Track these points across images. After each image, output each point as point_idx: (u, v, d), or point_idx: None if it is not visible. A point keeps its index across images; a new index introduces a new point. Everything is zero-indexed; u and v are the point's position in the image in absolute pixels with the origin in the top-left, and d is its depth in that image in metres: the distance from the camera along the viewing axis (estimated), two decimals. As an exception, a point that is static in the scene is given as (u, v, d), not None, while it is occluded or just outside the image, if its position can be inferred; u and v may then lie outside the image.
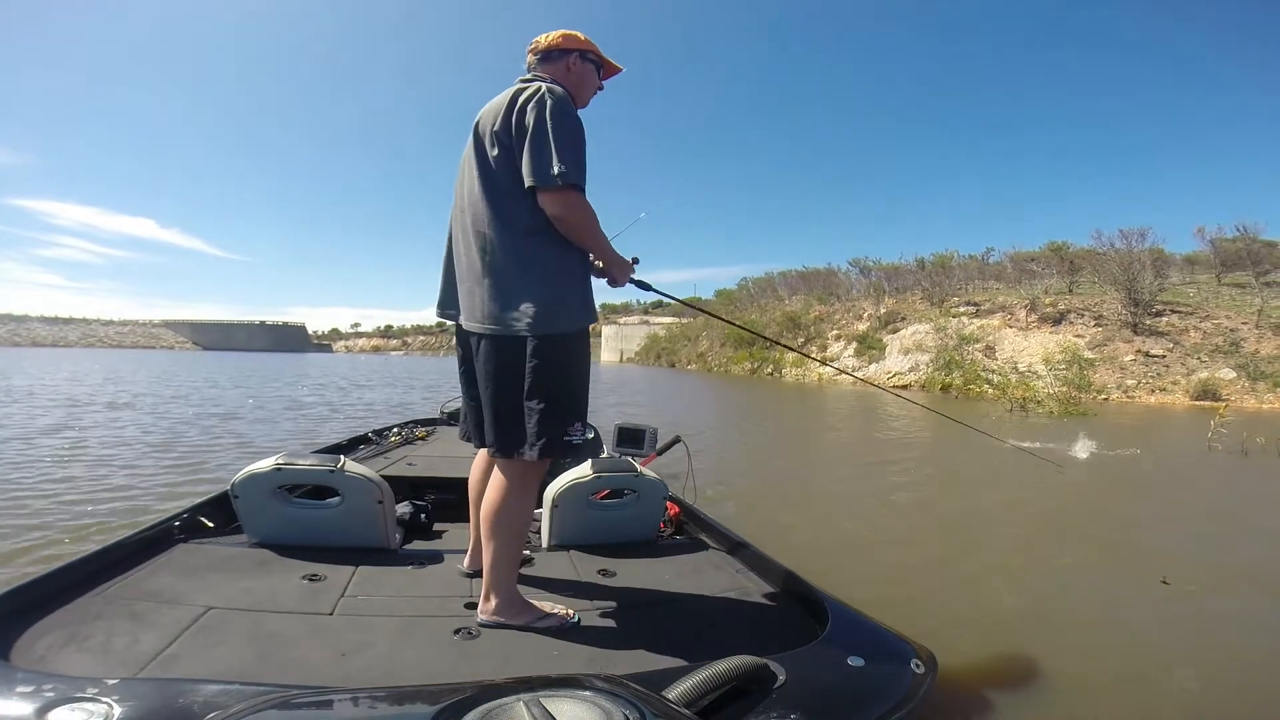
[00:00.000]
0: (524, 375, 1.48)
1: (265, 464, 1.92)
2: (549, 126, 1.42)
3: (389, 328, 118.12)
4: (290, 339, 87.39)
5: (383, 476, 1.98)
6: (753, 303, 36.87)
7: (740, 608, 1.70)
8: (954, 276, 26.05)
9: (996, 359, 18.93)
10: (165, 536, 1.93)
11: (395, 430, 4.03)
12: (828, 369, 23.10)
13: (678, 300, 2.39)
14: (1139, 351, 17.12)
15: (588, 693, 0.83)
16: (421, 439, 3.98)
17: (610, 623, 1.56)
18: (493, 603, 1.50)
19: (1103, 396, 13.21)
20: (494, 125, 1.49)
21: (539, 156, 1.42)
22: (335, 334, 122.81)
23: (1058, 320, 19.89)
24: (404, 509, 2.40)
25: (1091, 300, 20.42)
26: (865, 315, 26.10)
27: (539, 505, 2.13)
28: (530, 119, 1.44)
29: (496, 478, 1.56)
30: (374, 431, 4.00)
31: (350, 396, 13.35)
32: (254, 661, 1.26)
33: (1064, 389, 12.07)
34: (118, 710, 0.95)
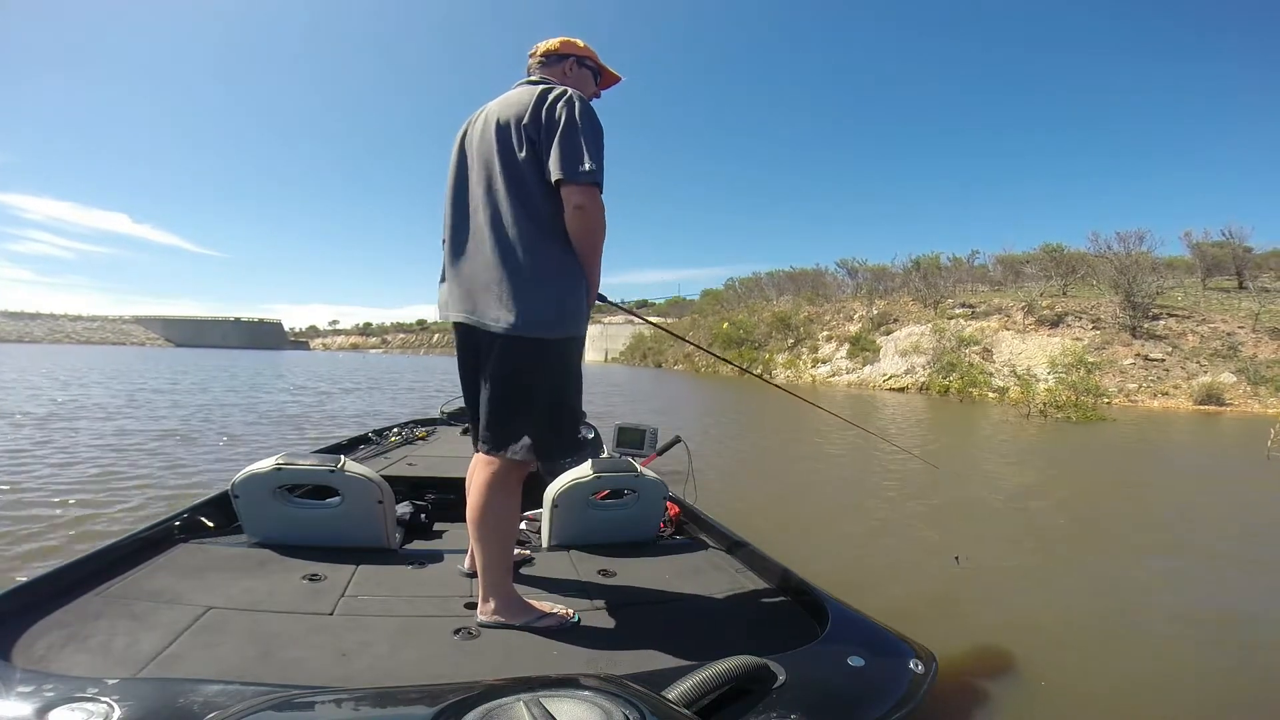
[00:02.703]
0: (539, 376, 1.49)
1: (265, 464, 1.92)
2: (579, 126, 1.45)
3: (368, 325, 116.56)
4: (266, 336, 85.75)
5: (383, 476, 1.97)
6: (740, 303, 36.42)
7: (740, 608, 1.71)
8: (945, 278, 25.93)
9: (994, 361, 18.93)
10: (165, 536, 1.92)
11: (395, 430, 4.03)
12: (819, 371, 23.09)
13: (622, 308, 2.29)
14: (1138, 355, 17.11)
15: (587, 693, 0.83)
16: (421, 439, 3.98)
17: (610, 623, 1.56)
18: (491, 604, 1.50)
19: (1106, 400, 13.21)
20: (522, 120, 1.48)
21: (570, 152, 1.44)
22: (313, 331, 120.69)
23: (1055, 323, 19.86)
24: (404, 509, 2.40)
25: (1088, 303, 20.39)
26: (856, 316, 25.92)
27: (539, 505, 2.14)
28: (561, 116, 1.46)
29: (480, 480, 1.54)
30: (374, 431, 4.01)
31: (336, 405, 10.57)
32: (254, 661, 1.26)
33: (1069, 394, 12.01)
34: (118, 710, 0.95)
